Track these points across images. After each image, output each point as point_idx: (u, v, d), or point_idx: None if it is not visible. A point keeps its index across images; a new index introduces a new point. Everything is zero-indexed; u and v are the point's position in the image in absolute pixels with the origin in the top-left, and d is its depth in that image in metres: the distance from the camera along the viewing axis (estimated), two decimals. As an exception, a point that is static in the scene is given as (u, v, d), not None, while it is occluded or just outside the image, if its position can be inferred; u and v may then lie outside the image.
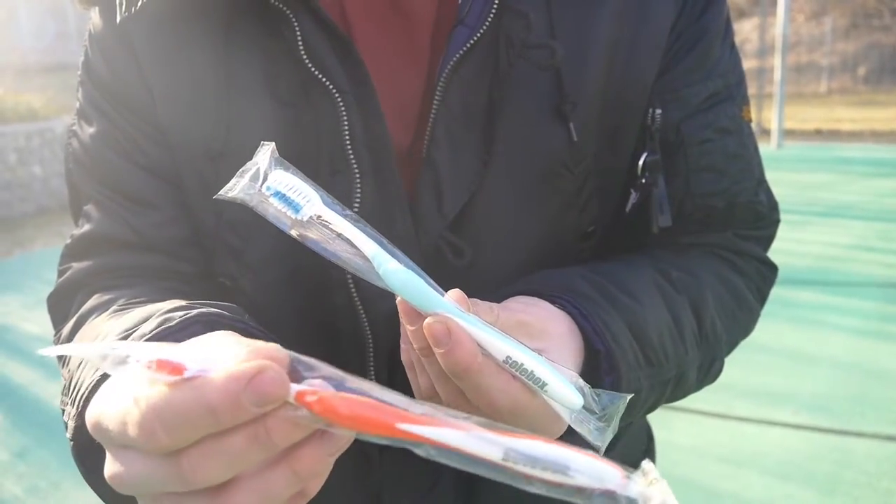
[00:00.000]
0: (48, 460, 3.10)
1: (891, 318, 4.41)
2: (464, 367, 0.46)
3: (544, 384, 0.48)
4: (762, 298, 0.80)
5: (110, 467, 0.39)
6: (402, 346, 0.53)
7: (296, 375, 0.37)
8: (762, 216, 0.79)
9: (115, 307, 0.62)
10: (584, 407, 0.50)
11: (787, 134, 12.01)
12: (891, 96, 17.62)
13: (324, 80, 0.64)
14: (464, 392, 0.49)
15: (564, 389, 0.48)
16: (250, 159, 0.67)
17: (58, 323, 0.72)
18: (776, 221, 0.82)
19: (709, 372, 0.73)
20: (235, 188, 0.46)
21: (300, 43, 0.63)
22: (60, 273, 0.74)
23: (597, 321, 0.59)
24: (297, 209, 0.45)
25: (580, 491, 0.35)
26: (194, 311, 0.51)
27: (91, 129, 0.71)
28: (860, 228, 6.46)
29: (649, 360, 0.63)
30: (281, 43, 0.65)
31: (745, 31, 18.62)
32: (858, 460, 2.89)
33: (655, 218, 0.71)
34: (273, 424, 0.35)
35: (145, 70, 0.68)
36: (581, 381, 0.50)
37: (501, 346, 0.47)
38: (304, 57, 0.64)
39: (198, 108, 0.67)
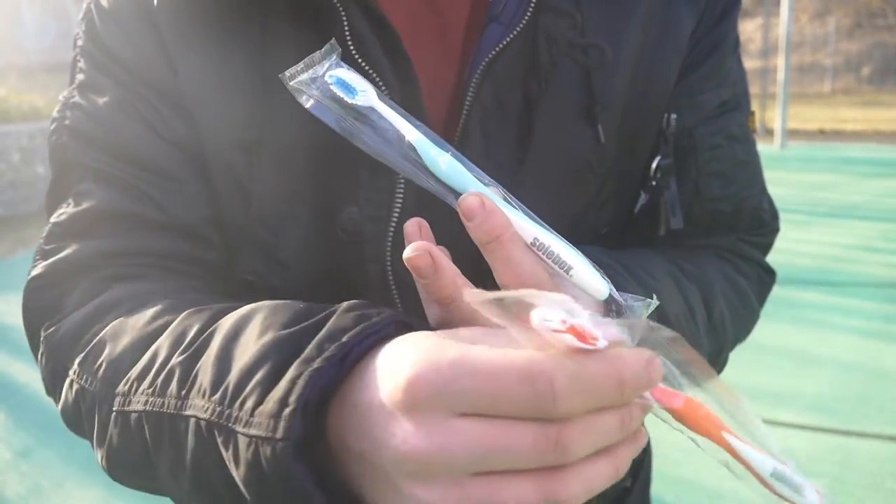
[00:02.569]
0: (51, 460, 3.10)
1: (894, 318, 4.40)
2: (496, 236, 0.46)
3: (570, 268, 0.48)
4: (761, 302, 0.82)
5: (429, 437, 0.36)
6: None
7: None
8: (765, 223, 0.81)
9: (164, 304, 0.57)
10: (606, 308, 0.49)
11: (791, 134, 12.00)
12: (894, 96, 17.58)
13: (373, 74, 0.63)
14: (494, 272, 0.48)
15: (590, 276, 0.48)
16: (286, 151, 0.66)
17: (41, 313, 0.64)
18: (776, 230, 0.84)
19: (716, 362, 0.74)
20: (301, 74, 0.48)
21: (348, 36, 0.62)
22: (47, 253, 0.66)
23: (621, 289, 0.58)
24: (352, 94, 0.48)
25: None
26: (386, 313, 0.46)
27: (103, 99, 0.66)
28: (864, 229, 6.45)
29: None
30: (321, 35, 0.62)
31: (749, 30, 18.60)
32: (862, 461, 2.88)
33: (666, 220, 0.72)
34: (634, 409, 0.38)
35: (173, 55, 0.65)
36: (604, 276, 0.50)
37: (529, 227, 0.48)
38: (353, 50, 0.62)
39: (231, 99, 0.65)
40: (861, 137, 12.76)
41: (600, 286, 0.48)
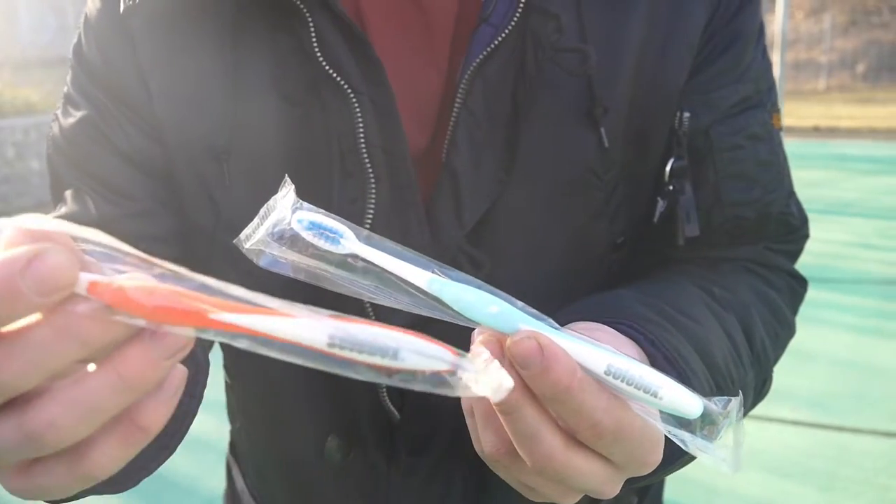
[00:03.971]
0: (46, 455, 3.09)
1: (889, 315, 4.41)
2: (564, 387, 0.39)
3: (656, 390, 0.40)
4: (794, 313, 0.76)
5: None
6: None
7: (92, 266, 0.32)
8: (794, 229, 0.75)
9: None
10: (689, 423, 0.42)
11: (786, 131, 11.96)
12: (889, 94, 17.63)
13: (338, 79, 0.61)
14: (558, 418, 0.42)
15: (681, 393, 0.40)
16: (257, 159, 0.65)
17: None
18: (806, 236, 0.78)
19: (760, 393, 0.69)
20: (258, 232, 0.40)
21: (314, 40, 0.61)
22: None
23: (667, 346, 0.53)
24: (336, 241, 0.39)
25: (409, 374, 0.34)
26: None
27: (75, 114, 0.68)
28: (859, 226, 6.46)
29: (718, 385, 0.57)
30: (292, 40, 0.62)
31: (745, 27, 18.58)
32: (856, 457, 2.89)
33: (682, 227, 0.67)
34: (84, 317, 0.31)
35: (144, 64, 0.66)
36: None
37: (599, 355, 0.40)
38: (318, 54, 0.61)
39: (201, 106, 0.64)
40: (856, 134, 12.76)
41: (694, 403, 0.41)
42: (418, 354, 0.34)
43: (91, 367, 0.32)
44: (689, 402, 0.40)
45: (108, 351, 0.32)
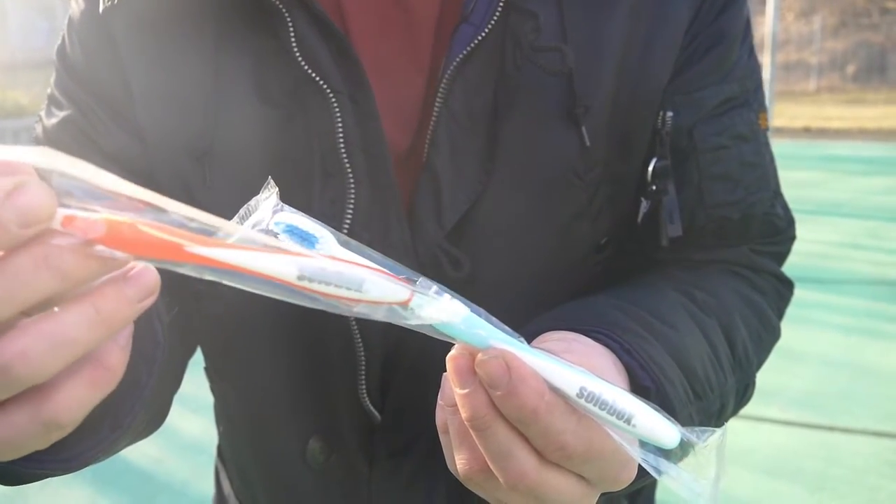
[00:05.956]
0: (37, 458, 3.07)
1: (879, 315, 4.44)
2: (530, 410, 0.39)
3: (630, 417, 0.39)
4: (780, 316, 0.75)
5: None
6: (440, 404, 0.45)
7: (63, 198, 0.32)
8: (779, 230, 0.74)
9: None
10: (672, 452, 0.41)
11: (776, 132, 12.05)
12: (879, 94, 17.72)
13: (317, 79, 0.61)
14: (528, 440, 0.41)
15: (656, 421, 0.40)
16: (238, 160, 0.64)
17: None
18: (792, 238, 0.77)
19: (743, 398, 0.68)
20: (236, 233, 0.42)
21: (293, 40, 0.61)
22: None
23: (642, 355, 0.52)
24: (312, 244, 0.38)
25: (370, 306, 0.37)
26: None
27: (58, 115, 0.68)
28: (849, 226, 6.49)
29: (697, 393, 0.57)
30: (273, 40, 0.62)
31: (735, 29, 18.62)
32: (846, 456, 2.90)
33: (665, 228, 0.66)
34: (63, 248, 0.31)
35: (125, 64, 0.66)
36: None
37: (572, 377, 0.40)
38: (298, 55, 0.61)
39: (182, 107, 0.64)
40: (846, 135, 12.83)
41: (670, 433, 0.40)
42: (380, 287, 0.36)
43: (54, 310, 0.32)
44: (664, 432, 0.40)
45: (80, 289, 0.32)
